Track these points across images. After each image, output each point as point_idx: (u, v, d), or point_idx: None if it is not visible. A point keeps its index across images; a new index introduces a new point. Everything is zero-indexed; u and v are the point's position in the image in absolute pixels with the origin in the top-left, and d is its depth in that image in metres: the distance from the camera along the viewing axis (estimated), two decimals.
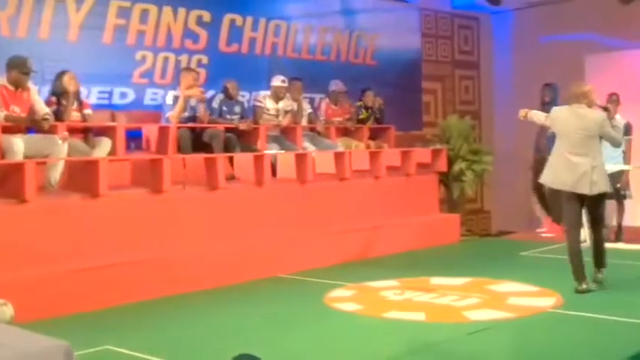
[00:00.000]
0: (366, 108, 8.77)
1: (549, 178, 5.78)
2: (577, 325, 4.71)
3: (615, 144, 6.04)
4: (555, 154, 5.74)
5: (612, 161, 8.07)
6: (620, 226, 8.13)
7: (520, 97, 9.51)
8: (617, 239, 7.99)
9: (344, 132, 8.53)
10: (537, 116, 6.18)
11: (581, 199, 5.62)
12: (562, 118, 5.77)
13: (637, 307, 5.12)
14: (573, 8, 10.01)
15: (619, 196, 8.07)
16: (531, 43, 10.44)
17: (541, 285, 5.88)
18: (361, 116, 8.74)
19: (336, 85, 8.48)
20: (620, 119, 8.12)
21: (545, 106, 8.14)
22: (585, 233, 7.93)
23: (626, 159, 8.03)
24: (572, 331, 4.58)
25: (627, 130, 8.09)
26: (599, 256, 5.84)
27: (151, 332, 4.79)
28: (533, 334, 4.54)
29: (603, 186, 5.60)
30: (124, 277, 5.62)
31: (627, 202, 8.09)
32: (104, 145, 6.22)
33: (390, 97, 9.20)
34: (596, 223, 5.85)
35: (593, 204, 5.69)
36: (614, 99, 8.15)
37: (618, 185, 7.99)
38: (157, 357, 4.16)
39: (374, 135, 8.79)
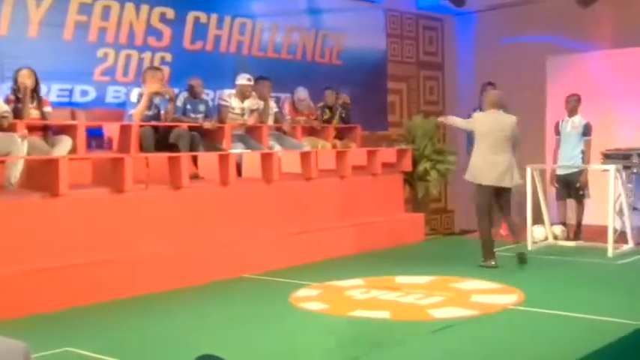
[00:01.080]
0: (328, 108, 8.77)
1: (473, 175, 6.69)
2: (538, 321, 4.76)
3: (519, 144, 6.86)
4: (477, 153, 6.70)
5: (571, 161, 8.23)
6: (579, 224, 8.28)
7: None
8: (577, 237, 8.14)
9: (310, 132, 8.51)
10: (457, 122, 7.17)
11: (496, 192, 6.65)
12: (483, 121, 6.77)
13: (596, 303, 5.21)
14: (534, 10, 10.15)
15: (578, 195, 8.21)
16: (494, 45, 10.56)
17: (503, 282, 5.95)
18: (325, 116, 8.73)
19: (298, 99, 8.38)
20: (580, 120, 8.26)
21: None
22: (547, 231, 8.09)
23: (585, 159, 8.17)
24: (533, 327, 4.62)
25: (587, 130, 8.23)
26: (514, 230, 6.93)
27: (113, 333, 4.71)
28: (495, 331, 4.58)
29: (519, 178, 6.74)
30: (85, 278, 5.52)
31: (587, 202, 8.23)
32: (64, 143, 6.12)
33: (356, 97, 9.22)
34: (507, 211, 6.88)
35: (505, 195, 6.74)
36: (574, 99, 8.30)
37: (578, 185, 8.14)
38: (119, 358, 4.09)
39: (340, 135, 8.79)
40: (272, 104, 8.10)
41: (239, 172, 7.30)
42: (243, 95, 7.65)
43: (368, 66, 9.91)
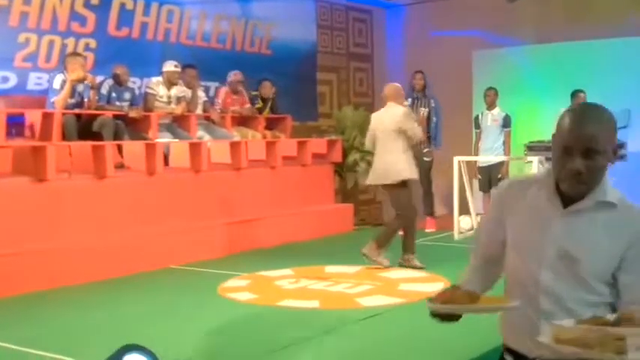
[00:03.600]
0: (262, 99, 8.71)
1: (371, 177, 6.39)
2: None
3: (415, 138, 6.27)
4: (376, 154, 6.36)
5: (493, 152, 8.47)
6: None
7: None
8: None
9: (240, 121, 8.44)
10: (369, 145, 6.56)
11: (386, 190, 6.33)
12: (376, 121, 6.39)
13: None
14: (462, 5, 10.34)
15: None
16: (423, 38, 10.71)
17: (430, 271, 6.06)
18: (257, 106, 8.68)
19: (234, 75, 8.35)
20: (499, 112, 8.52)
21: (417, 94, 8.39)
22: (473, 221, 8.28)
23: (506, 150, 8.42)
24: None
25: (506, 122, 8.49)
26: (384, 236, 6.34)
27: (37, 326, 4.56)
28: (419, 319, 4.61)
29: (411, 174, 6.22)
30: (7, 270, 5.32)
31: None
32: None
33: (285, 88, 9.19)
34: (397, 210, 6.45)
35: (394, 193, 6.25)
36: (492, 92, 8.56)
37: (499, 176, 8.37)
38: (44, 351, 3.96)
39: (270, 125, 8.75)
40: (200, 93, 7.99)
41: (166, 162, 7.17)
42: (170, 82, 7.50)
43: (298, 56, 9.89)
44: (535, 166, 7.52)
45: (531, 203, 2.06)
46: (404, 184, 6.20)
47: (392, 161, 6.17)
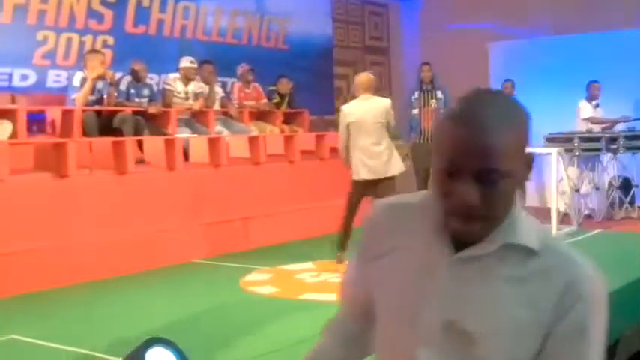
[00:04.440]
0: (280, 95, 8.71)
1: (359, 171, 6.06)
2: None
3: (391, 133, 6.11)
4: (356, 147, 6.01)
5: None
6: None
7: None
8: None
9: (257, 116, 8.45)
10: (341, 144, 6.27)
11: (374, 185, 6.00)
12: (355, 112, 6.03)
13: None
14: None
15: None
16: (438, 31, 10.68)
17: None
18: (275, 101, 8.68)
19: (242, 67, 8.37)
20: None
21: (426, 85, 8.30)
22: None
23: None
24: None
25: None
26: None
27: (58, 320, 4.62)
28: None
29: (403, 166, 6.22)
30: (28, 265, 5.37)
31: (529, 184, 8.42)
32: (4, 128, 5.90)
33: (302, 82, 9.18)
34: None
35: (384, 186, 5.98)
36: (509, 85, 8.53)
37: None
38: (65, 345, 4.01)
39: (288, 119, 8.75)
40: (218, 89, 8.01)
41: (186, 157, 7.19)
42: (186, 78, 7.53)
43: (314, 51, 9.89)
44: (554, 158, 7.45)
45: (408, 242, 1.29)
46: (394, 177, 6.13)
47: (386, 154, 6.02)
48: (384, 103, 6.09)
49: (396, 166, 6.09)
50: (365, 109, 6.01)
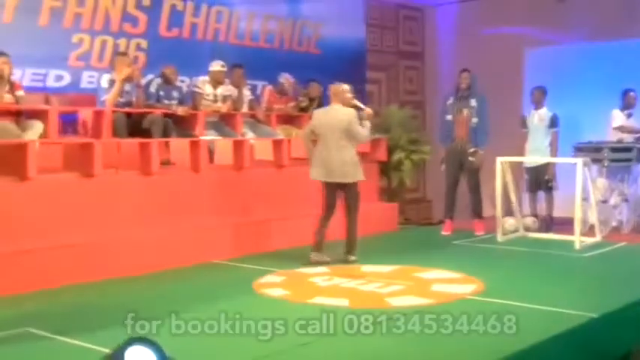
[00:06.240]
0: (310, 99, 8.81)
1: (317, 172, 6.60)
2: (490, 311, 4.80)
3: (360, 140, 6.64)
4: (318, 151, 6.56)
5: (540, 153, 8.34)
6: (550, 216, 8.39)
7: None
8: (548, 229, 8.25)
9: (285, 120, 8.58)
10: (303, 136, 6.87)
11: (341, 189, 6.59)
12: (320, 119, 6.61)
13: (553, 295, 5.29)
14: (513, 2, 10.21)
15: (547, 187, 8.33)
16: (474, 36, 10.62)
17: (466, 272, 6.05)
18: (303, 104, 8.79)
19: (287, 80, 8.49)
20: (546, 112, 8.38)
21: (462, 92, 8.18)
22: (519, 224, 8.19)
23: (553, 151, 8.28)
24: (484, 316, 4.67)
25: (553, 122, 8.33)
26: (350, 242, 6.67)
27: (76, 316, 4.80)
28: (444, 320, 4.56)
29: (360, 175, 6.59)
30: (53, 262, 5.60)
31: (560, 194, 8.33)
32: (36, 128, 6.17)
33: None
34: (351, 210, 6.69)
35: (349, 192, 6.61)
36: (539, 91, 8.43)
37: (547, 177, 8.25)
38: (77, 340, 4.18)
39: None
40: (247, 92, 8.16)
41: (211, 159, 7.36)
42: (216, 81, 7.70)
43: (347, 55, 9.95)
44: (579, 168, 7.36)
45: None
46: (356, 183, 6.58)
47: (350, 160, 6.50)
48: (345, 111, 6.50)
49: (354, 174, 6.53)
50: (331, 115, 6.53)
